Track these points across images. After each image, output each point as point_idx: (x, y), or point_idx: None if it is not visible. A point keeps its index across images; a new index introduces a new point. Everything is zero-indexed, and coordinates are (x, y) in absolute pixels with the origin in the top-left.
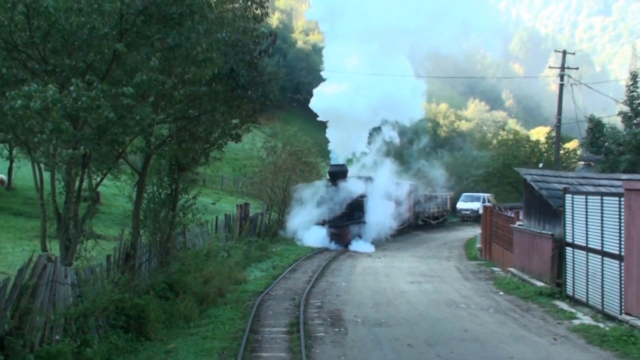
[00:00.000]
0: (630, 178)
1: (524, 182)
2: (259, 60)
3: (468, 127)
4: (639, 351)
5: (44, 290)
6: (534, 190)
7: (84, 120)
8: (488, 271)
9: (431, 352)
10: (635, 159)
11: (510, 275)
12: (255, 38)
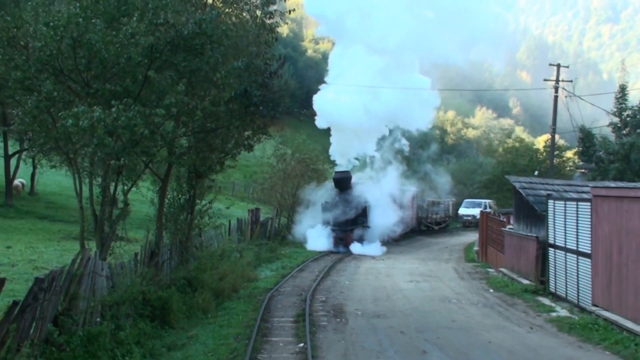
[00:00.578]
0: (597, 185)
1: (514, 188)
2: (270, 80)
3: (475, 135)
4: (599, 336)
5: (87, 279)
6: (522, 197)
7: (117, 135)
8: (483, 272)
9: (420, 337)
10: (623, 168)
11: (501, 274)
12: (267, 60)
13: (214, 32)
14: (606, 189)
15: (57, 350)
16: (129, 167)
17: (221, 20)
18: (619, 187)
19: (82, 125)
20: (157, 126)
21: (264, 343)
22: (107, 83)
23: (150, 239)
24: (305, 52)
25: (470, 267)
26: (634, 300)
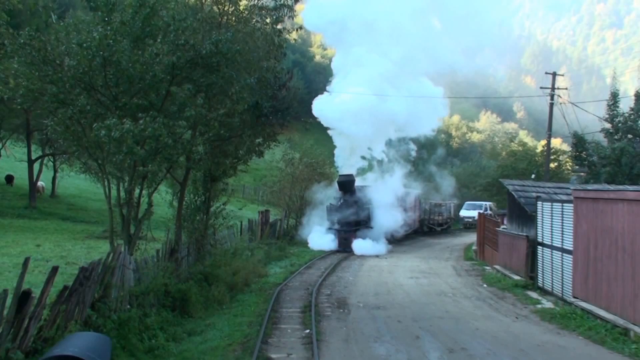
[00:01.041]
0: (577, 187)
1: (507, 191)
2: (279, 92)
3: (479, 139)
4: (576, 323)
5: (118, 271)
6: (514, 198)
7: (144, 144)
8: (479, 269)
9: (415, 325)
10: (614, 171)
11: (495, 271)
12: (277, 74)
13: (229, 50)
14: (584, 191)
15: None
16: (153, 172)
17: (235, 39)
18: (595, 190)
19: (113, 136)
20: (179, 136)
21: (274, 329)
22: (134, 97)
23: (170, 237)
24: (314, 58)
25: (468, 265)
26: (606, 291)
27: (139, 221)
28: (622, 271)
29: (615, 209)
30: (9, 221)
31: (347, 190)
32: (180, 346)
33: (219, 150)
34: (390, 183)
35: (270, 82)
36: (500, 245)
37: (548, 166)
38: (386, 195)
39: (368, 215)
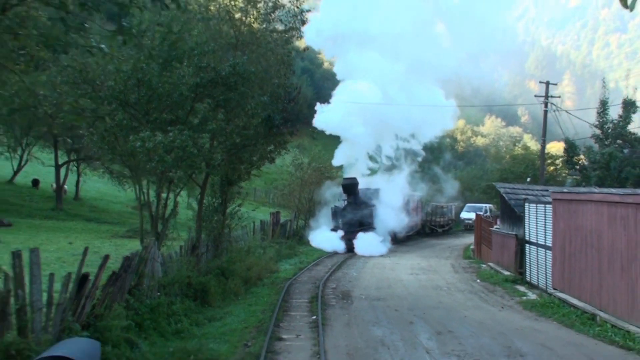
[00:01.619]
0: (555, 190)
1: (499, 193)
2: (289, 105)
3: (484, 143)
4: (552, 311)
5: (149, 263)
6: (505, 200)
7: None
8: (475, 267)
9: (410, 313)
10: (603, 175)
11: (489, 268)
12: (287, 89)
13: (245, 71)
14: (561, 194)
15: (133, 313)
16: (179, 178)
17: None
18: (569, 192)
19: (147, 146)
20: (202, 146)
21: (285, 316)
22: (163, 112)
23: (192, 235)
24: (322, 65)
25: (465, 263)
26: (578, 282)
27: (166, 220)
28: (590, 264)
29: (585, 209)
30: (40, 222)
31: (350, 192)
32: (202, 329)
33: (235, 157)
34: (393, 186)
35: (281, 96)
36: (494, 244)
37: (543, 170)
38: (389, 197)
39: (371, 217)
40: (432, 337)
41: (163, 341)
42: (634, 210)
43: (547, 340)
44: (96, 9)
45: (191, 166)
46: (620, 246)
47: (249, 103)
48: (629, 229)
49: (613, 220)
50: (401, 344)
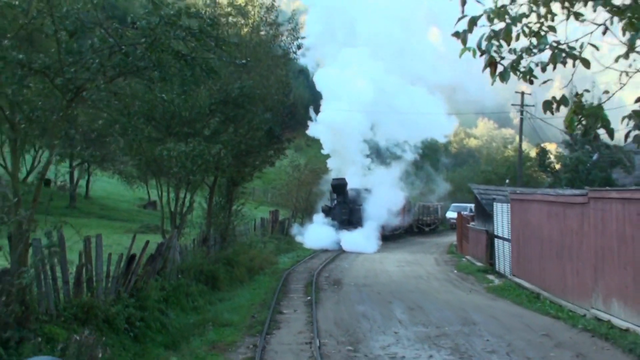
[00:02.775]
0: (512, 190)
1: (474, 194)
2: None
3: (477, 144)
4: (507, 293)
5: (172, 251)
6: (479, 200)
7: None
8: (456, 260)
9: (390, 296)
10: (572, 177)
11: (466, 260)
12: (285, 103)
13: (250, 92)
14: (516, 194)
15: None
16: (195, 180)
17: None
18: (521, 192)
19: (172, 155)
20: (215, 154)
21: (284, 297)
22: (183, 127)
23: (203, 229)
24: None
25: (448, 257)
26: (528, 268)
27: (184, 215)
28: (536, 253)
29: (531, 207)
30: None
31: (339, 192)
32: (215, 307)
33: (240, 162)
34: (383, 186)
35: (281, 111)
36: (470, 239)
37: (521, 172)
38: (378, 197)
39: (359, 216)
40: (405, 312)
41: (184, 315)
42: (563, 208)
43: (497, 313)
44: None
45: (206, 170)
46: (554, 237)
47: (254, 119)
48: (560, 222)
49: (550, 216)
50: (379, 317)
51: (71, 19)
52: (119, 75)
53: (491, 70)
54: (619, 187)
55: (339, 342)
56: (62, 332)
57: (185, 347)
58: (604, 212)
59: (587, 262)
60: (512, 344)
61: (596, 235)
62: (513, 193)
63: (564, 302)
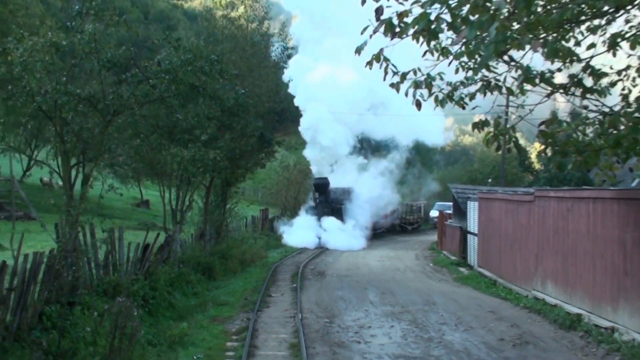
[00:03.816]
0: (480, 190)
1: (452, 193)
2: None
3: (471, 142)
4: (471, 281)
5: (175, 243)
6: (456, 199)
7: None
8: (434, 255)
9: (367, 284)
10: (551, 176)
11: (443, 255)
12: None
13: (244, 102)
14: (482, 193)
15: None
16: (195, 181)
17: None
18: (486, 192)
19: (176, 160)
20: (212, 158)
21: (273, 284)
22: (184, 134)
23: (200, 225)
24: None
25: (428, 253)
26: (489, 259)
27: (184, 212)
28: (496, 246)
29: (493, 205)
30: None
31: (322, 191)
32: (212, 292)
33: (234, 164)
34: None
35: (271, 117)
36: (447, 235)
37: (503, 172)
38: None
39: (340, 215)
40: (377, 296)
41: (186, 298)
42: (516, 206)
43: (456, 296)
44: None
45: (204, 173)
46: (510, 231)
47: (247, 126)
48: (514, 218)
49: (507, 213)
50: (354, 299)
51: (112, 61)
52: (147, 102)
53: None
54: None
55: (318, 317)
56: (99, 301)
57: (190, 319)
58: (545, 209)
59: (531, 252)
60: (461, 318)
61: (539, 228)
62: (480, 192)
63: (514, 287)
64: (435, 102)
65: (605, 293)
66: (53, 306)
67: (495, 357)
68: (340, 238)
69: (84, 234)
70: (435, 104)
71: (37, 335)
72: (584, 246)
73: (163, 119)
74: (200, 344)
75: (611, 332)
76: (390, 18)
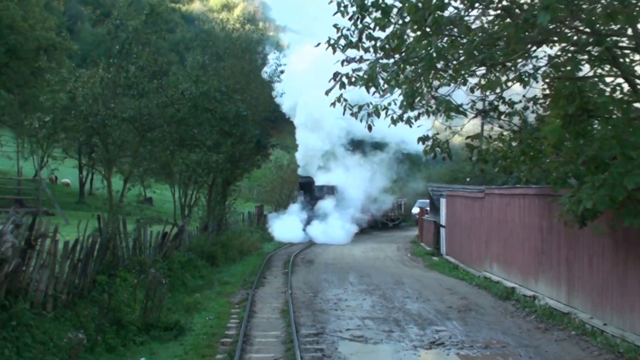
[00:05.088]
0: (448, 188)
1: (428, 191)
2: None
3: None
4: (437, 266)
5: (184, 234)
6: (431, 196)
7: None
8: (414, 247)
9: (349, 270)
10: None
11: (421, 247)
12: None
13: (243, 114)
14: (449, 191)
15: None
16: (202, 180)
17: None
18: (451, 189)
19: (186, 162)
20: (216, 160)
21: (267, 269)
22: (193, 140)
23: (204, 219)
24: None
25: (409, 246)
26: (454, 248)
27: (191, 207)
28: (458, 236)
29: (457, 201)
30: (73, 212)
31: (306, 189)
32: (215, 276)
33: (234, 166)
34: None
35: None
36: (424, 229)
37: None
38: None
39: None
40: (356, 278)
41: (194, 279)
42: (472, 201)
43: (423, 278)
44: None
45: (208, 173)
46: (468, 223)
47: (246, 134)
48: (470, 212)
49: (466, 207)
50: (336, 280)
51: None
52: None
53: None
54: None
55: (305, 292)
56: (130, 276)
57: (200, 294)
58: (492, 204)
59: (483, 240)
60: (422, 294)
61: (487, 220)
62: (448, 190)
63: (470, 269)
64: (391, 121)
65: (530, 269)
66: (102, 276)
67: (441, 317)
68: (328, 232)
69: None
70: (390, 123)
71: (94, 295)
72: (517, 233)
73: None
74: (211, 310)
75: (533, 299)
76: (342, 77)
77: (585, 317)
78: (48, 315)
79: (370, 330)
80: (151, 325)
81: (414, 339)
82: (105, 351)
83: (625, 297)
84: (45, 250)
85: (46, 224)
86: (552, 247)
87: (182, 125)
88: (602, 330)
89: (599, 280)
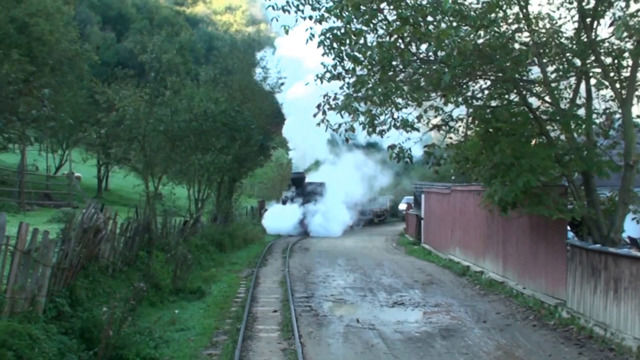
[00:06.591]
0: (427, 185)
1: (413, 188)
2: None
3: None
4: (416, 252)
5: (198, 224)
6: (415, 193)
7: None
8: (401, 239)
9: (339, 256)
10: None
11: (406, 238)
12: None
13: (249, 120)
14: (427, 188)
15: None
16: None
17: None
18: (428, 186)
19: (200, 163)
20: (225, 161)
21: (269, 255)
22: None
23: (213, 212)
24: None
25: (397, 238)
26: (431, 237)
27: (204, 201)
28: (434, 226)
29: (432, 197)
30: None
31: (298, 185)
32: (225, 259)
33: (240, 165)
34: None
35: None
36: (409, 222)
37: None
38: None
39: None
40: (344, 261)
41: (207, 261)
42: (443, 196)
43: (400, 262)
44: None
45: (219, 172)
46: (440, 215)
47: (251, 138)
48: (442, 205)
49: (438, 202)
50: (327, 262)
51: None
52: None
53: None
54: None
55: (300, 270)
56: (160, 254)
57: (214, 270)
58: (456, 199)
59: (449, 228)
60: (396, 272)
61: (453, 212)
62: (426, 187)
63: (440, 254)
64: (367, 133)
65: (480, 250)
66: (142, 252)
67: (407, 288)
68: (322, 225)
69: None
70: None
71: (138, 264)
72: (472, 222)
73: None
74: (224, 281)
75: (481, 274)
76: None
77: (513, 284)
78: (109, 276)
79: (349, 295)
80: (180, 289)
81: (382, 301)
82: (148, 305)
83: (537, 268)
84: (109, 229)
85: (109, 211)
86: (493, 232)
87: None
88: (522, 292)
89: (522, 256)
